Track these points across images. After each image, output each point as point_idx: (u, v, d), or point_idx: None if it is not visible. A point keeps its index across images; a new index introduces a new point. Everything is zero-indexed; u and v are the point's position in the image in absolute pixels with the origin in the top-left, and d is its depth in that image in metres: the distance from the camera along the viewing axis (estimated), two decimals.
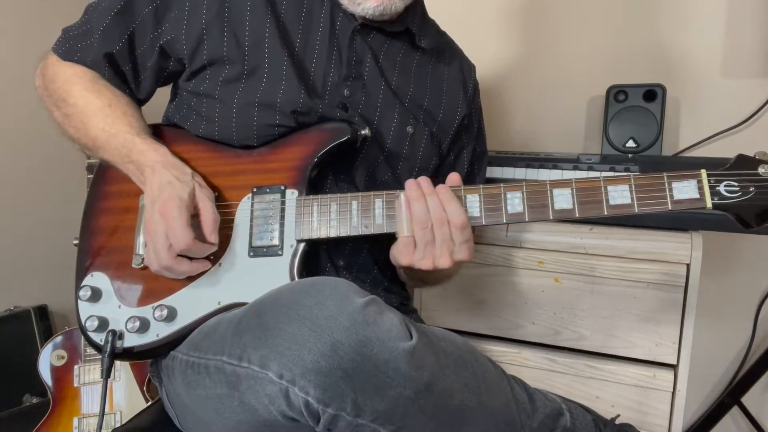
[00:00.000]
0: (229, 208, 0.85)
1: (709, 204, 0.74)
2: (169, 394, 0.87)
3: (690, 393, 1.09)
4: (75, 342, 1.50)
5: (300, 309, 0.64)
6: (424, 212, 0.77)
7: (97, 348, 0.83)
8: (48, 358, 1.48)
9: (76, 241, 0.90)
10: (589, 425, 0.86)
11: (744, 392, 1.39)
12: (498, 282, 1.20)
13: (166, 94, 0.99)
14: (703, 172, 0.74)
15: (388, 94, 0.93)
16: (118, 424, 1.41)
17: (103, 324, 0.83)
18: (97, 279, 0.86)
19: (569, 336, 1.16)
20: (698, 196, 0.74)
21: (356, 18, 0.90)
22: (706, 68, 1.41)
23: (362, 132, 0.87)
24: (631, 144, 1.32)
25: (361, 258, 0.94)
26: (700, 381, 1.49)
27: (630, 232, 1.11)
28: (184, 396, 0.81)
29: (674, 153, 1.44)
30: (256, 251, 0.83)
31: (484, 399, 0.72)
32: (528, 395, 0.80)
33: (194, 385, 0.77)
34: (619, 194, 0.75)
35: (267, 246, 0.83)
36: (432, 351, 0.68)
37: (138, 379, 1.51)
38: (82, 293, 0.84)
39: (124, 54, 0.89)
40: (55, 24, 0.98)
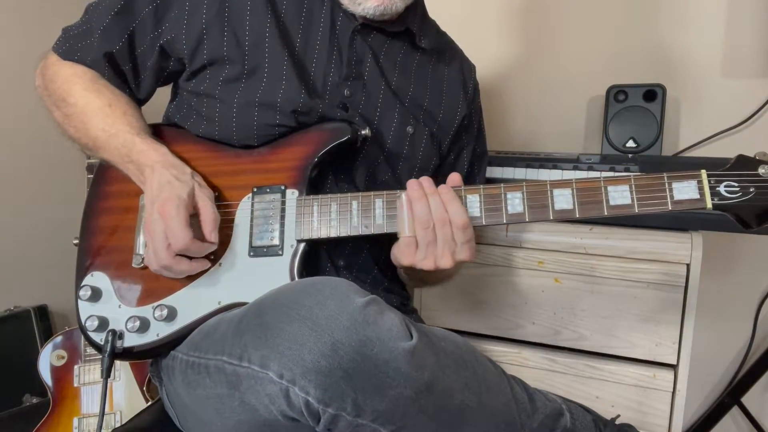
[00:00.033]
0: (230, 208, 0.85)
1: (709, 204, 0.74)
2: (169, 394, 0.87)
3: (690, 393, 1.08)
4: (75, 342, 1.50)
5: (300, 309, 0.64)
6: (426, 212, 0.77)
7: (97, 348, 0.83)
8: (48, 358, 1.48)
9: (76, 241, 0.90)
10: (589, 425, 0.86)
11: (744, 392, 1.39)
12: (498, 282, 1.20)
13: (166, 94, 0.99)
14: (704, 173, 0.74)
15: (389, 94, 0.93)
16: (118, 424, 1.41)
17: (103, 324, 0.83)
18: (98, 279, 0.86)
19: (569, 336, 1.16)
20: (698, 196, 0.74)
21: (356, 18, 0.90)
22: (706, 68, 1.41)
23: (362, 132, 0.87)
24: (631, 144, 1.32)
25: (361, 258, 0.94)
26: (700, 381, 1.49)
27: (630, 232, 1.11)
28: (184, 396, 0.81)
29: (674, 153, 1.44)
30: (256, 251, 0.83)
31: (484, 399, 0.72)
32: (528, 395, 0.80)
33: (194, 385, 0.77)
34: (620, 194, 0.75)
35: (267, 246, 0.83)
36: (432, 351, 0.68)
37: (138, 379, 1.51)
38: (82, 293, 0.84)
39: (124, 54, 0.89)
40: (55, 24, 0.98)
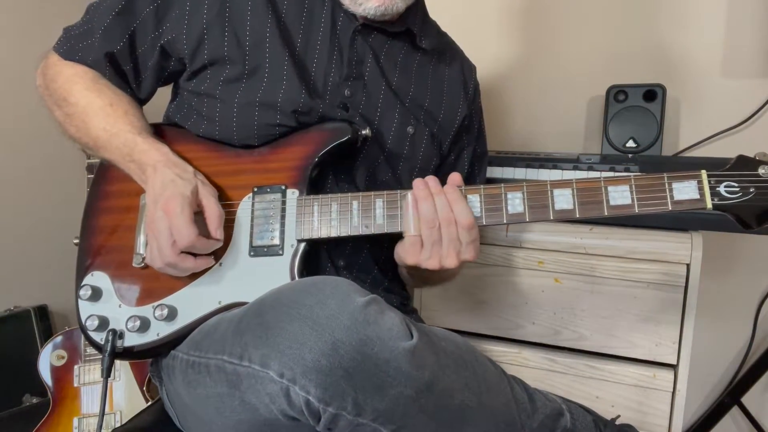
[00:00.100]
0: (230, 208, 0.85)
1: (709, 205, 0.74)
2: (169, 394, 0.87)
3: (690, 393, 1.08)
4: (75, 342, 1.50)
5: (301, 308, 0.64)
6: (431, 212, 0.77)
7: (98, 347, 0.83)
8: (48, 358, 1.48)
9: (76, 241, 0.90)
10: (590, 426, 0.86)
11: (744, 392, 1.39)
12: (498, 282, 1.20)
13: (167, 94, 0.99)
14: (704, 173, 0.74)
15: (389, 94, 0.93)
16: (118, 424, 1.41)
17: (103, 323, 0.83)
18: (98, 278, 0.86)
19: (569, 336, 1.16)
20: (698, 196, 0.74)
21: (357, 18, 0.90)
22: (706, 68, 1.41)
23: (363, 132, 0.87)
24: (631, 144, 1.32)
25: (361, 258, 0.94)
26: (700, 381, 1.49)
27: (630, 232, 1.11)
28: (184, 395, 0.81)
29: (674, 153, 1.44)
30: (256, 251, 0.83)
31: (484, 399, 0.72)
32: (528, 395, 0.80)
33: (195, 385, 0.77)
34: (620, 195, 0.75)
35: (268, 245, 0.83)
36: (432, 351, 0.68)
37: (138, 379, 1.51)
38: (82, 292, 0.84)
39: (125, 54, 0.89)
40: (55, 23, 0.98)
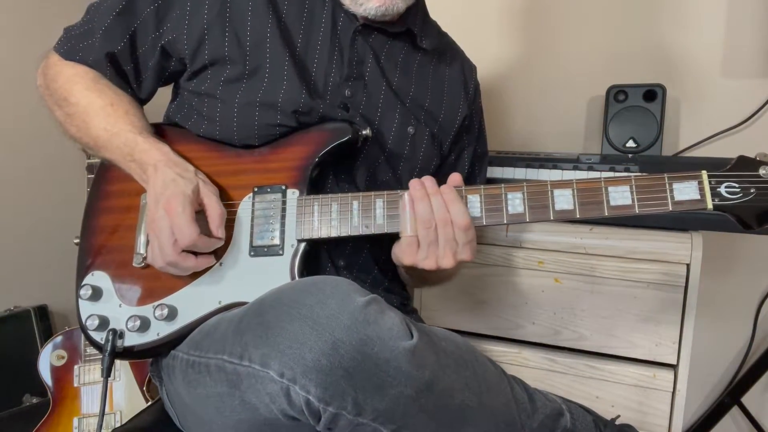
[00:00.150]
0: (231, 208, 0.85)
1: (709, 205, 0.74)
2: (169, 394, 0.88)
3: (690, 393, 1.08)
4: (75, 342, 1.50)
5: (301, 308, 0.64)
6: (428, 212, 0.77)
7: (98, 347, 0.83)
8: (48, 358, 1.48)
9: (77, 240, 0.90)
10: (590, 426, 0.86)
11: (744, 392, 1.39)
12: (498, 282, 1.20)
13: (167, 94, 0.99)
14: (704, 173, 0.74)
15: (390, 94, 0.93)
16: (118, 424, 1.41)
17: (103, 323, 0.83)
18: (98, 278, 0.86)
19: (569, 336, 1.16)
20: (699, 197, 0.74)
21: (358, 18, 0.90)
22: (706, 68, 1.41)
23: (363, 132, 0.87)
24: (631, 144, 1.32)
25: (361, 258, 0.94)
26: (700, 381, 1.49)
27: (630, 232, 1.11)
28: (184, 395, 0.81)
29: (674, 153, 1.44)
30: (256, 251, 0.83)
31: (484, 399, 0.72)
32: (528, 395, 0.80)
33: (195, 384, 0.77)
34: (620, 195, 0.75)
35: (268, 245, 0.83)
36: (433, 350, 0.68)
37: (138, 379, 1.51)
38: (82, 292, 0.85)
39: (126, 54, 0.89)
40: (56, 23, 0.98)
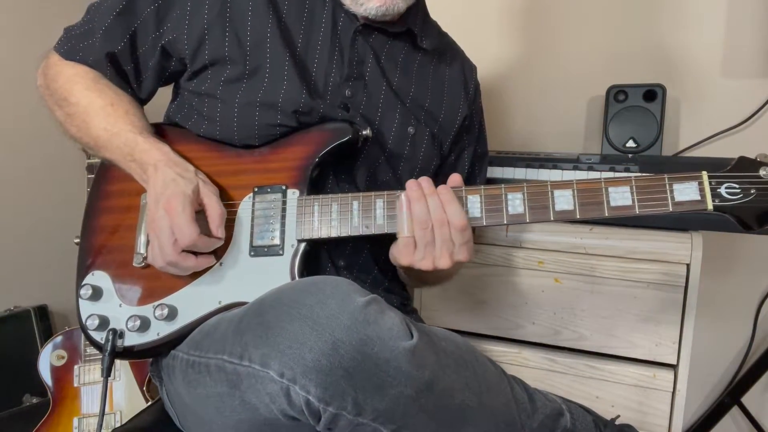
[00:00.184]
0: (231, 208, 0.85)
1: (710, 206, 0.74)
2: (169, 394, 0.88)
3: (690, 393, 1.08)
4: (75, 342, 1.50)
5: (301, 308, 0.64)
6: (424, 213, 0.77)
7: (98, 347, 0.83)
8: (48, 358, 1.48)
9: (77, 240, 0.90)
10: (590, 426, 0.86)
11: (744, 392, 1.39)
12: (498, 282, 1.20)
13: (168, 94, 0.99)
14: (704, 174, 0.74)
15: (390, 94, 0.93)
16: (118, 424, 1.41)
17: (103, 323, 0.83)
18: (98, 278, 0.86)
19: (569, 336, 1.16)
20: (699, 197, 0.74)
21: (358, 18, 0.90)
22: (706, 68, 1.41)
23: (363, 132, 0.87)
24: (631, 144, 1.32)
25: (361, 258, 0.94)
26: (700, 381, 1.49)
27: (630, 232, 1.11)
28: (184, 395, 0.81)
29: (674, 153, 1.44)
30: (257, 251, 0.83)
31: (484, 399, 0.72)
32: (528, 395, 0.81)
33: (195, 384, 0.77)
34: (620, 196, 0.75)
35: (268, 245, 0.83)
36: (433, 350, 0.68)
37: (138, 379, 1.51)
38: (83, 292, 0.85)
39: (126, 54, 0.89)
40: (56, 23, 0.98)
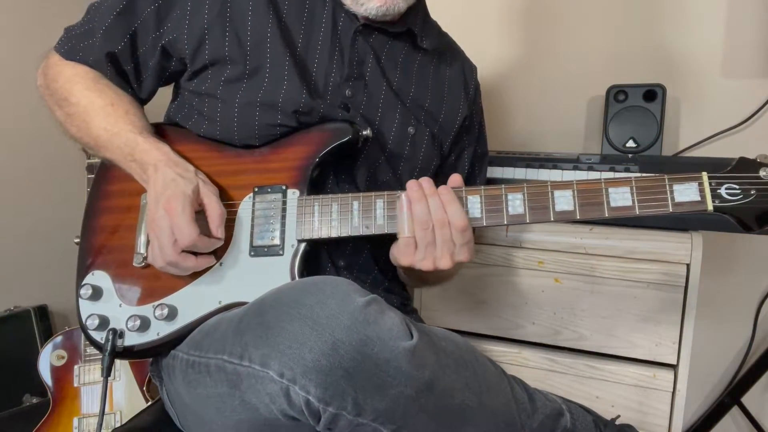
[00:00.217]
0: (231, 208, 0.85)
1: (710, 207, 0.74)
2: (169, 393, 0.88)
3: (690, 393, 1.08)
4: (75, 342, 1.50)
5: (301, 308, 0.64)
6: (425, 213, 0.77)
7: (98, 346, 0.83)
8: (48, 358, 1.48)
9: (77, 240, 0.90)
10: (590, 426, 0.86)
11: (744, 392, 1.39)
12: (498, 282, 1.20)
13: (168, 94, 0.99)
14: (705, 175, 0.74)
15: (390, 94, 0.93)
16: (118, 424, 1.41)
17: (103, 322, 0.83)
18: (98, 277, 0.86)
19: (569, 336, 1.16)
20: (699, 198, 0.74)
21: (358, 18, 0.90)
22: (706, 68, 1.41)
23: (364, 132, 0.87)
24: (631, 144, 1.32)
25: (361, 258, 0.94)
26: (700, 381, 1.49)
27: (630, 232, 1.11)
28: (184, 395, 0.81)
29: (674, 153, 1.44)
30: (257, 251, 0.83)
31: (484, 399, 0.72)
32: (528, 395, 0.81)
33: (195, 384, 0.77)
34: (620, 196, 0.75)
35: (268, 246, 0.83)
36: (433, 350, 0.68)
37: (138, 379, 1.51)
38: (83, 291, 0.85)
39: (126, 54, 0.89)
40: (56, 23, 0.98)
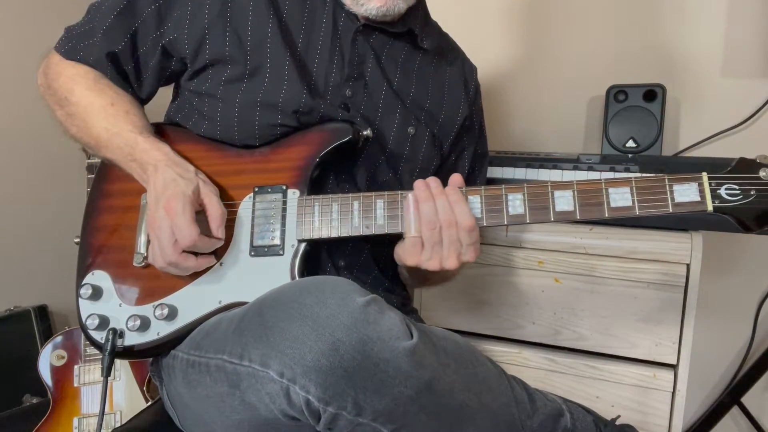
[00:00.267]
0: (231, 208, 0.85)
1: (710, 207, 0.74)
2: (169, 393, 0.88)
3: (690, 393, 1.08)
4: (75, 342, 1.50)
5: (301, 308, 0.64)
6: (432, 213, 0.77)
7: (98, 346, 0.83)
8: (48, 358, 1.48)
9: (77, 240, 0.90)
10: (590, 426, 0.86)
11: (744, 392, 1.39)
12: (498, 282, 1.20)
13: (168, 94, 0.99)
14: (705, 175, 0.74)
15: (390, 94, 0.93)
16: (118, 424, 1.41)
17: (103, 322, 0.83)
18: (98, 277, 0.86)
19: (569, 336, 1.16)
20: (699, 198, 0.74)
21: (359, 18, 0.90)
22: (706, 68, 1.41)
23: (364, 132, 0.87)
24: (631, 144, 1.32)
25: (361, 258, 0.94)
26: (700, 381, 1.49)
27: (630, 232, 1.11)
28: (184, 395, 0.81)
29: (674, 153, 1.45)
30: (257, 251, 0.83)
31: (484, 399, 0.72)
32: (528, 395, 0.80)
33: (195, 384, 0.77)
34: (620, 196, 0.75)
35: (268, 245, 0.83)
36: (433, 350, 0.68)
37: (138, 379, 1.50)
38: (83, 291, 0.85)
39: (127, 53, 0.89)
40: (56, 23, 0.98)
